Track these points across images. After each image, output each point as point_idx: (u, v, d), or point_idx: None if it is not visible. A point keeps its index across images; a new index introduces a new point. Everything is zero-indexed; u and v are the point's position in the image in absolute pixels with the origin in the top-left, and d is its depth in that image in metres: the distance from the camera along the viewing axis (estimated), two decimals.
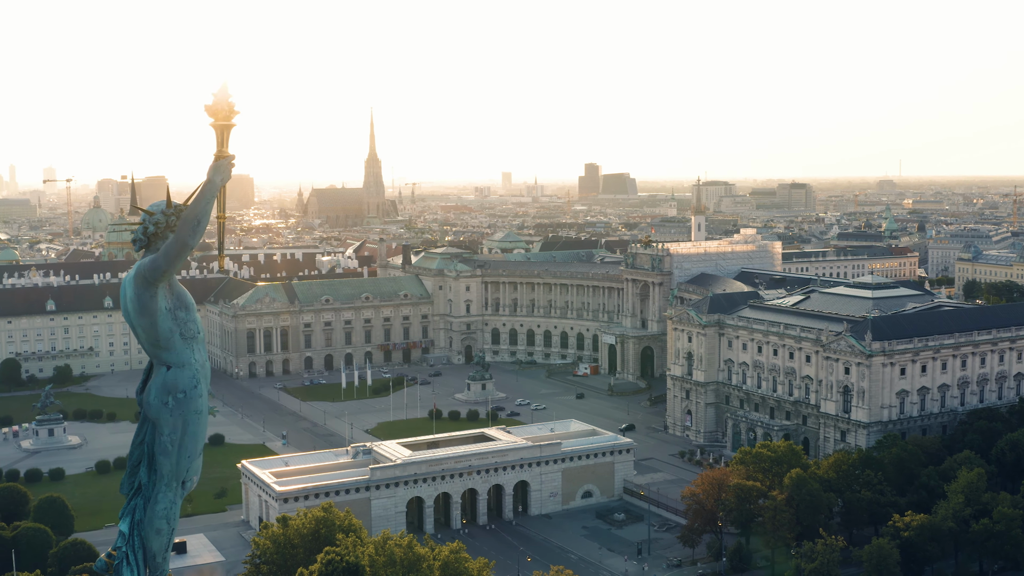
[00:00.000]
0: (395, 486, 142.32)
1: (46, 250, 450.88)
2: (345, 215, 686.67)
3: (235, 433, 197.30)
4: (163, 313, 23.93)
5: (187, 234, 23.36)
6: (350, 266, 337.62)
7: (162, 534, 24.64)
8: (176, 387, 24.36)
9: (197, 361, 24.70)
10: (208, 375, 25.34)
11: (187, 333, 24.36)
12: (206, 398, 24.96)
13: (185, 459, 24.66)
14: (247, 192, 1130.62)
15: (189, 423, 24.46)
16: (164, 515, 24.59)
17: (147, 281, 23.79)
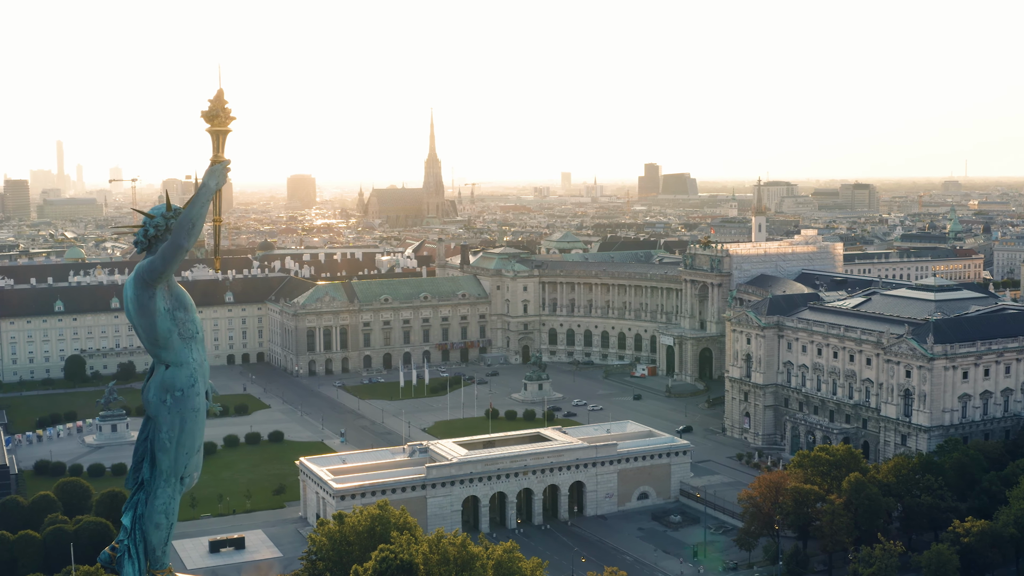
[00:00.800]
0: (451, 485, 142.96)
1: (111, 249, 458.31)
2: (405, 215, 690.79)
3: (294, 430, 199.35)
4: (162, 313, 24.52)
5: (182, 236, 24.03)
6: (409, 266, 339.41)
7: (161, 528, 25.18)
8: (174, 385, 24.94)
9: (195, 360, 25.31)
10: (206, 374, 25.89)
11: (185, 333, 25.05)
12: (203, 397, 25.43)
13: (183, 456, 25.17)
14: (309, 192, 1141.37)
15: (187, 421, 24.98)
16: (163, 510, 25.22)
17: (145, 282, 24.40)
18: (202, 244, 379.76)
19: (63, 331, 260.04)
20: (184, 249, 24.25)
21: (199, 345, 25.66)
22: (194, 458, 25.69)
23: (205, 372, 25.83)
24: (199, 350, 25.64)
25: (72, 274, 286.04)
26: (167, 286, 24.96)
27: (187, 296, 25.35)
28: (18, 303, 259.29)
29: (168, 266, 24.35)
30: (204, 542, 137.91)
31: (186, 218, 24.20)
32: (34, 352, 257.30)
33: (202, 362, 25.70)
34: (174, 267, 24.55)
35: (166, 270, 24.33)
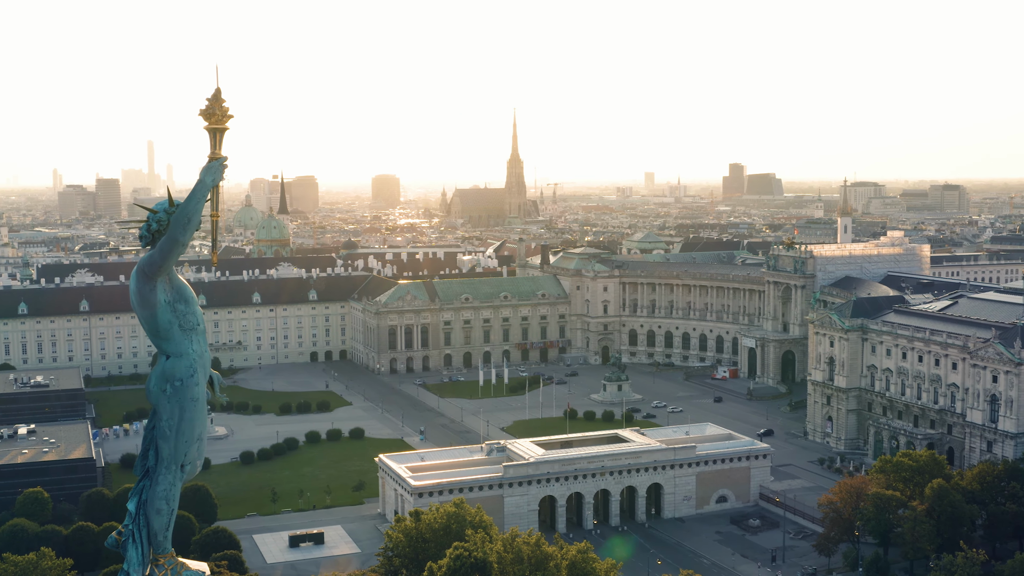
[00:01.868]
0: (528, 484, 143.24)
1: (199, 247, 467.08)
2: (487, 215, 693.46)
3: (374, 427, 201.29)
4: (162, 305, 25.59)
5: (178, 231, 25.12)
6: (490, 265, 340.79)
7: (162, 514, 26.28)
8: (174, 375, 25.92)
9: (195, 351, 26.25)
10: (207, 365, 26.71)
11: (186, 325, 26.10)
12: (203, 387, 26.33)
13: (183, 444, 26.10)
14: (393, 192, 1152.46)
15: (186, 410, 25.97)
16: (164, 496, 26.23)
17: (146, 275, 25.55)
18: (287, 243, 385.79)
19: None
20: (180, 243, 25.25)
21: (200, 337, 26.57)
22: (194, 446, 26.53)
23: (206, 363, 26.67)
24: (199, 342, 26.52)
25: None
26: (168, 279, 25.93)
27: (188, 289, 26.39)
28: (107, 300, 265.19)
29: (166, 259, 25.39)
30: (284, 537, 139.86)
31: (182, 213, 25.18)
32: (122, 347, 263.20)
33: (202, 353, 26.57)
34: (172, 260, 25.54)
35: (164, 263, 25.36)
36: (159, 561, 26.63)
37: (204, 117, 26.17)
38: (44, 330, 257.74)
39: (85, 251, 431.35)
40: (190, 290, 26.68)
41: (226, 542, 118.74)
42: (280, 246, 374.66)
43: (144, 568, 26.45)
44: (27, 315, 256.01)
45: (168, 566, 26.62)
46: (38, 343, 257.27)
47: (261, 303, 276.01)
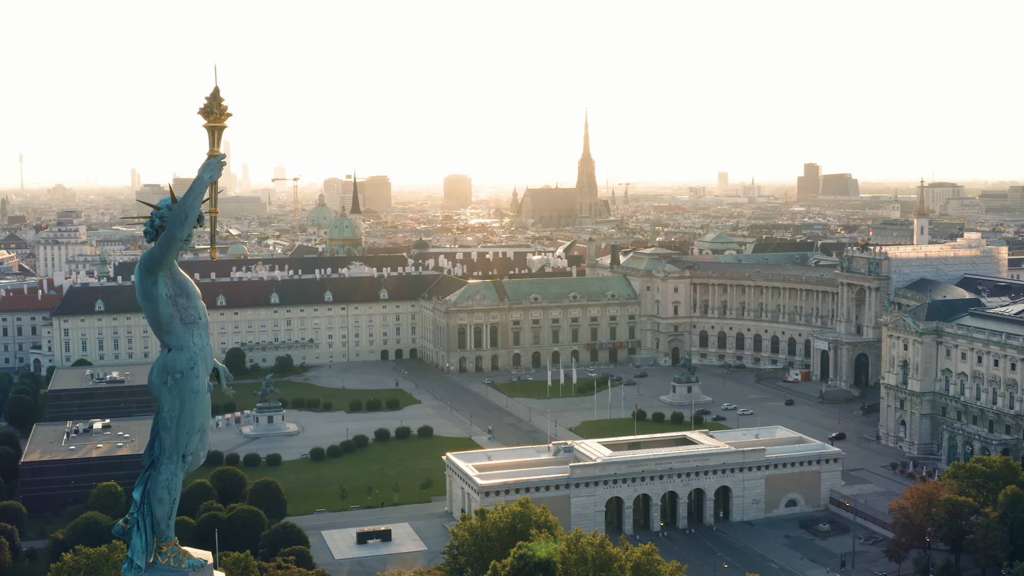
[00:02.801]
0: (594, 485, 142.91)
1: (273, 245, 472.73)
2: (558, 215, 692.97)
3: (443, 426, 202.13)
4: (163, 299, 26.31)
5: (175, 226, 25.85)
6: (559, 265, 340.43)
7: (164, 503, 27.01)
8: (175, 368, 26.63)
9: (196, 345, 26.90)
10: (208, 358, 27.28)
11: (187, 319, 26.78)
12: (203, 379, 26.90)
13: (184, 434, 26.76)
14: (465, 192, 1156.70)
15: (186, 401, 26.65)
16: (165, 485, 26.94)
17: (147, 269, 26.29)
18: (359, 242, 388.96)
19: (224, 325, 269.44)
20: (178, 239, 25.92)
21: (201, 330, 27.18)
22: (195, 437, 27.17)
23: (207, 356, 27.27)
24: (201, 335, 27.15)
25: (234, 270, 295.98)
26: (170, 274, 26.62)
27: (190, 284, 26.98)
28: None
29: (165, 254, 26.07)
30: (352, 533, 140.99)
31: (180, 209, 25.89)
32: None
33: (203, 346, 27.19)
34: (172, 255, 26.17)
35: (164, 258, 26.05)
36: (162, 549, 27.32)
37: (203, 116, 26.92)
38: (120, 327, 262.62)
39: None
40: (192, 285, 27.26)
41: (294, 538, 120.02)
42: (352, 245, 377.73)
43: (148, 556, 27.16)
44: (104, 312, 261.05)
45: (171, 554, 27.33)
46: (114, 339, 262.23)
47: (333, 301, 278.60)
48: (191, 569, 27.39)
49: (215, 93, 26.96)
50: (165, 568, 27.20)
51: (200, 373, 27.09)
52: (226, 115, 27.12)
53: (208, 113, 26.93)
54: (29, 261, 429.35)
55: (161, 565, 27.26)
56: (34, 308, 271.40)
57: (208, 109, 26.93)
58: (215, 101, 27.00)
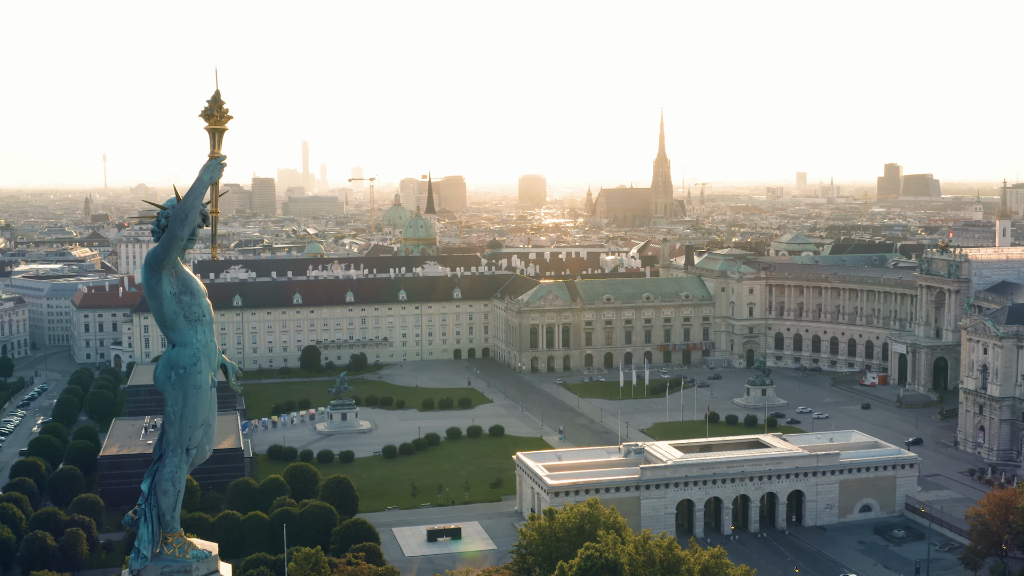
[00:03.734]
0: (665, 487, 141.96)
1: (349, 244, 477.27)
2: (632, 215, 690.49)
3: (514, 425, 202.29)
4: (168, 297, 27.28)
5: (176, 226, 26.78)
6: (633, 266, 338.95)
7: (168, 495, 28.06)
8: (178, 363, 27.60)
9: (199, 341, 27.81)
10: (212, 355, 28.16)
11: (191, 316, 27.73)
12: (207, 375, 27.75)
13: (187, 429, 27.75)
14: (540, 192, 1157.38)
15: (189, 396, 27.60)
16: (170, 478, 28.03)
17: (151, 267, 27.24)
18: (433, 242, 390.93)
19: (300, 323, 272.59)
20: (179, 237, 26.85)
21: (205, 327, 28.13)
22: (199, 431, 28.17)
23: (210, 353, 28.16)
24: (204, 332, 28.08)
25: (311, 268, 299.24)
26: (174, 272, 27.57)
27: (195, 282, 27.86)
28: (260, 295, 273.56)
29: (168, 253, 26.98)
30: (422, 531, 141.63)
31: (180, 209, 26.78)
32: (273, 342, 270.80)
33: (207, 343, 28.12)
34: (174, 253, 27.02)
35: (167, 256, 26.97)
36: (168, 539, 28.46)
37: (204, 118, 27.78)
38: None
39: (240, 248, 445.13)
40: (197, 283, 28.08)
41: (365, 534, 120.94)
42: (427, 245, 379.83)
43: (154, 545, 28.29)
44: None
45: (176, 544, 28.44)
46: None
47: (407, 300, 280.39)
48: (195, 559, 28.53)
49: (216, 96, 27.78)
50: (170, 558, 28.29)
51: (203, 369, 27.96)
52: (227, 118, 27.93)
53: (209, 116, 27.80)
54: (111, 259, 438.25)
55: (167, 555, 28.37)
56: (115, 305, 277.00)
57: (209, 112, 27.80)
58: (216, 104, 27.84)
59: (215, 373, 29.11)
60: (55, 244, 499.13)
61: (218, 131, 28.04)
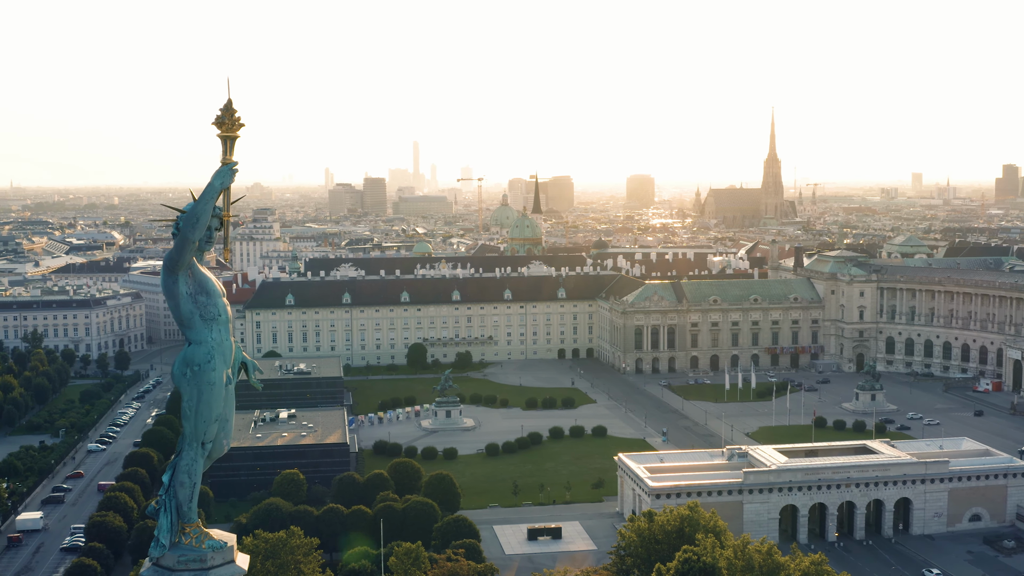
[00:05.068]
0: (768, 492, 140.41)
1: (456, 244, 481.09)
2: (741, 215, 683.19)
3: (617, 426, 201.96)
4: (184, 297, 28.52)
5: (187, 229, 28.02)
6: (740, 267, 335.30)
7: (185, 486, 29.24)
8: (193, 360, 28.71)
9: (214, 340, 28.89)
10: (227, 353, 29.17)
11: (207, 315, 28.89)
12: (221, 372, 28.78)
13: (201, 423, 28.86)
14: (648, 192, 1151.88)
15: (203, 392, 28.71)
16: (186, 470, 29.23)
17: (167, 268, 28.55)
18: (539, 242, 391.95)
19: (407, 320, 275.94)
20: (190, 240, 28.09)
21: (221, 326, 29.20)
22: (213, 426, 29.28)
23: (226, 351, 29.21)
24: (220, 331, 29.16)
25: (418, 267, 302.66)
26: (191, 273, 28.82)
27: (211, 282, 29.10)
28: (368, 293, 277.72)
29: (181, 254, 28.30)
30: (523, 529, 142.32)
31: (192, 213, 28.03)
32: (380, 339, 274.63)
33: (221, 342, 29.17)
34: (187, 255, 28.27)
35: (180, 258, 28.27)
36: (186, 530, 29.66)
37: (216, 126, 28.82)
38: (308, 320, 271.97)
39: (350, 246, 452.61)
40: (213, 284, 29.32)
41: (466, 531, 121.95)
42: (532, 245, 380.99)
43: (172, 535, 29.57)
44: (293, 306, 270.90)
45: (193, 534, 29.63)
46: (303, 332, 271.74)
47: (512, 300, 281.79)
48: (211, 550, 29.68)
49: (228, 105, 28.85)
50: (187, 547, 29.55)
51: (217, 366, 29.06)
52: (238, 125, 28.94)
53: (221, 124, 28.84)
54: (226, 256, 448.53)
55: (184, 544, 29.63)
56: (229, 301, 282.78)
57: (221, 120, 28.84)
58: (228, 113, 28.89)
59: (231, 371, 30.18)
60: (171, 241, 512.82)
61: (230, 138, 29.06)
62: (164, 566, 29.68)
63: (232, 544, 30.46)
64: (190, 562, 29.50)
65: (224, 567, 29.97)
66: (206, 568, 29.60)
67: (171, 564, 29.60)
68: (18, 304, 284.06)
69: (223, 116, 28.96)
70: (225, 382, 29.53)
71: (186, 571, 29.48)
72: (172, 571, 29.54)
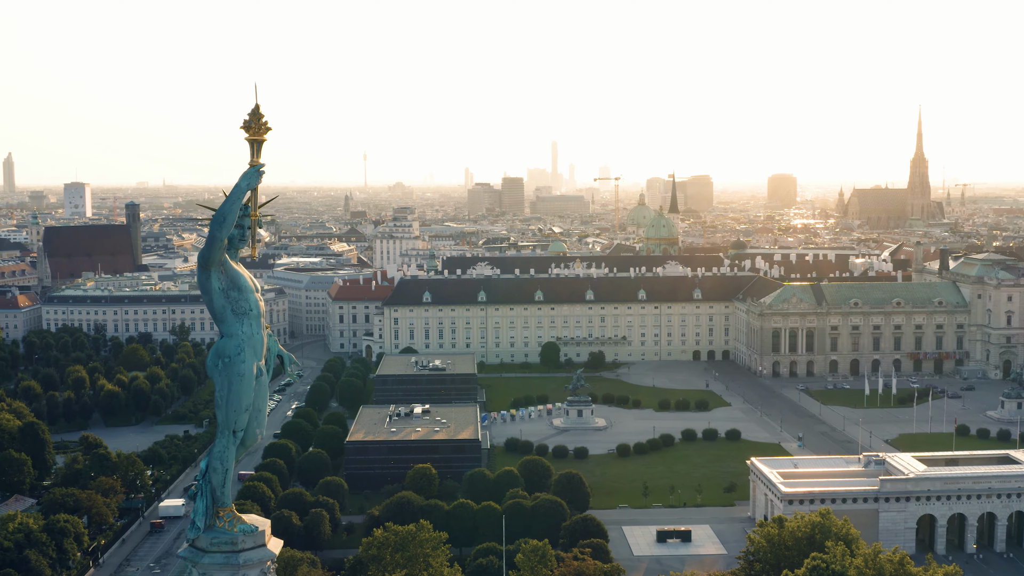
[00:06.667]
0: (905, 501, 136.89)
1: (592, 243, 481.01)
2: (886, 216, 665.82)
3: (751, 430, 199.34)
4: (216, 292, 29.90)
5: (214, 227, 29.16)
6: (883, 269, 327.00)
7: (217, 472, 30.79)
8: (224, 352, 30.18)
9: (244, 333, 30.22)
10: (257, 346, 30.53)
11: (238, 309, 30.25)
12: (250, 364, 30.08)
13: (232, 412, 30.25)
14: (790, 192, 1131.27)
15: (233, 383, 30.09)
16: (219, 457, 30.74)
17: (200, 265, 29.99)
18: (676, 242, 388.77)
19: (541, 319, 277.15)
20: (217, 239, 29.25)
21: (252, 320, 30.53)
22: (243, 416, 30.62)
23: (256, 344, 30.55)
24: (251, 324, 30.50)
25: (553, 266, 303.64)
26: (223, 269, 30.14)
27: (243, 278, 30.44)
28: (503, 292, 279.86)
29: (211, 251, 29.57)
30: (652, 531, 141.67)
31: (219, 213, 29.14)
32: (514, 337, 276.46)
33: (252, 335, 30.50)
34: (216, 253, 29.48)
35: (210, 255, 29.57)
36: (219, 513, 31.38)
37: (244, 130, 30.04)
38: (444, 318, 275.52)
39: (487, 245, 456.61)
40: (245, 279, 30.65)
41: (594, 530, 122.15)
42: (668, 244, 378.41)
43: (207, 518, 31.41)
44: (430, 303, 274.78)
45: (226, 518, 31.33)
46: (439, 329, 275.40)
47: (646, 300, 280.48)
48: (242, 533, 31.35)
49: (255, 110, 29.99)
50: (220, 531, 31.33)
51: (247, 358, 30.39)
52: (265, 129, 30.04)
53: (248, 127, 30.04)
54: (367, 254, 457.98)
55: (217, 528, 31.41)
56: (368, 298, 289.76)
57: (248, 124, 30.05)
58: (255, 117, 30.07)
59: (264, 363, 31.60)
60: (315, 239, 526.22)
61: (257, 141, 30.21)
62: (199, 547, 31.59)
63: (264, 529, 32.10)
64: (222, 544, 31.27)
65: (254, 551, 31.59)
66: (237, 551, 31.29)
67: (205, 545, 31.44)
68: (167, 298, 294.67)
69: (250, 120, 30.19)
70: (256, 374, 30.86)
71: (218, 552, 31.25)
72: (205, 552, 31.35)
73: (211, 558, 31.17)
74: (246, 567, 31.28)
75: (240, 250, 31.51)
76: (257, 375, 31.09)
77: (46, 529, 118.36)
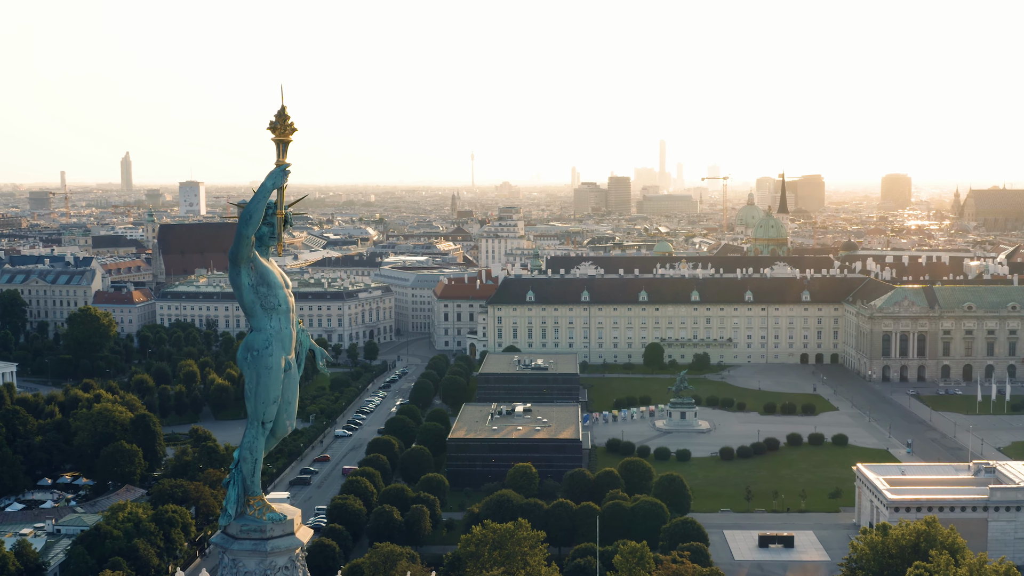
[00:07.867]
0: (1015, 510, 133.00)
1: (699, 244, 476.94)
2: (1004, 218, 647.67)
3: (859, 435, 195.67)
4: (246, 287, 30.95)
5: (241, 225, 30.14)
6: (999, 272, 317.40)
7: (247, 462, 31.80)
8: (253, 346, 31.20)
9: (272, 328, 31.11)
10: (286, 340, 31.40)
11: (267, 305, 31.17)
12: (279, 357, 31.02)
13: (260, 404, 31.28)
14: (904, 192, 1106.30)
15: (261, 375, 31.09)
16: (248, 447, 31.79)
17: (231, 261, 30.95)
18: (784, 243, 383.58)
19: (645, 320, 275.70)
20: (245, 236, 30.25)
21: (281, 316, 31.40)
22: (272, 408, 31.52)
23: (284, 338, 31.42)
24: (279, 319, 31.37)
25: (658, 267, 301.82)
26: (252, 265, 31.14)
27: (272, 274, 31.37)
28: (607, 292, 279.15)
29: (239, 249, 30.60)
30: (754, 535, 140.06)
31: (245, 211, 30.12)
32: (618, 337, 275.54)
33: (280, 330, 31.38)
34: (243, 250, 30.51)
35: (239, 252, 30.60)
36: (250, 502, 32.54)
37: (271, 130, 30.95)
38: (548, 317, 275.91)
39: (592, 245, 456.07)
40: (275, 276, 31.55)
41: (694, 534, 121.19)
42: (776, 245, 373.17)
43: (238, 506, 32.59)
44: (533, 302, 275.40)
45: (256, 507, 32.50)
46: (542, 328, 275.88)
47: (753, 302, 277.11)
48: (271, 521, 32.39)
49: (282, 111, 30.91)
50: (250, 519, 32.48)
51: (275, 352, 31.27)
52: (290, 130, 30.79)
53: (274, 128, 30.94)
54: (473, 252, 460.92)
55: (248, 515, 32.59)
56: (472, 296, 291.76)
57: (274, 125, 30.95)
58: (281, 119, 30.97)
59: (295, 357, 32.52)
60: (422, 238, 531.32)
61: (283, 142, 31.08)
62: (230, 534, 32.72)
63: (294, 519, 33.15)
64: (251, 531, 32.31)
65: (283, 538, 32.54)
66: (265, 538, 32.28)
67: (235, 532, 32.54)
68: None
69: (276, 121, 31.03)
70: (284, 367, 31.74)
71: (247, 539, 32.31)
72: (235, 539, 32.44)
73: (240, 544, 32.30)
74: (274, 554, 32.16)
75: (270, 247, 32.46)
76: (286, 368, 31.99)
77: (155, 519, 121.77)
